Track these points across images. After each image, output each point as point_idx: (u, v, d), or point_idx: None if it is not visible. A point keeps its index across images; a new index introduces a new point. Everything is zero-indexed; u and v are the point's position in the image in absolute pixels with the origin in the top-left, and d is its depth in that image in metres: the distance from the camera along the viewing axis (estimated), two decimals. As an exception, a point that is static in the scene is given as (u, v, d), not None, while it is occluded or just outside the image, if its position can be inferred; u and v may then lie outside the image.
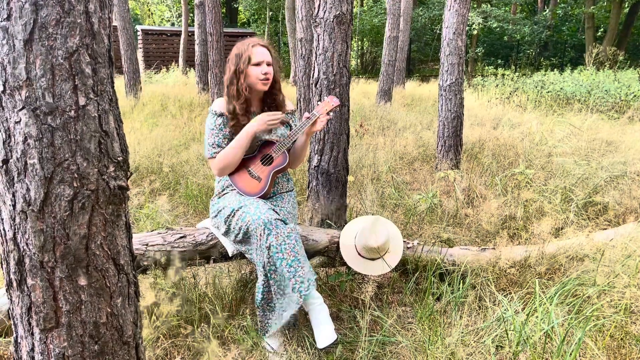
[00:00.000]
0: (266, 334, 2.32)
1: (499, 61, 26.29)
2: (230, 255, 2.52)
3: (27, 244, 1.22)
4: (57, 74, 1.16)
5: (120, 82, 12.77)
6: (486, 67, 25.51)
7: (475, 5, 23.77)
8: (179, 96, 10.28)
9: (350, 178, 4.66)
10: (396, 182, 4.69)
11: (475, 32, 23.41)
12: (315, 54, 3.24)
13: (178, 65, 18.08)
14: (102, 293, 1.31)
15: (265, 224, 2.24)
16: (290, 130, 2.69)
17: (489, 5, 24.46)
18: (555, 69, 16.76)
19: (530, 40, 25.06)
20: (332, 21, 3.14)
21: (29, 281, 1.25)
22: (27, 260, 1.24)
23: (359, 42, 30.17)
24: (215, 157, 2.50)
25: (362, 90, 13.58)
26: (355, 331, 2.45)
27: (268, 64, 2.52)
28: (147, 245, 2.49)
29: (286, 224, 2.31)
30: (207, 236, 2.57)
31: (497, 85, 13.17)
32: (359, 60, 30.60)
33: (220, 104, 2.54)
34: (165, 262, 2.45)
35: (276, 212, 2.38)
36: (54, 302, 1.26)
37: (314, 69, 3.28)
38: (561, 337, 2.17)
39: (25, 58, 1.14)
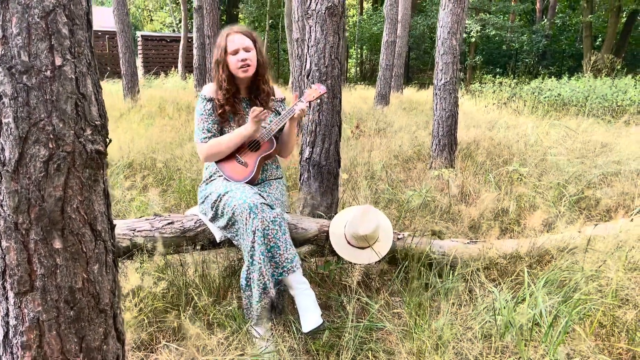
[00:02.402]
0: (251, 320, 2.30)
1: (498, 70, 26.37)
2: (218, 241, 2.51)
3: (1, 205, 1.22)
4: (33, 33, 1.16)
5: (118, 87, 12.80)
6: (485, 76, 25.60)
7: (473, 14, 23.88)
8: (177, 99, 10.30)
9: (344, 176, 4.65)
10: (390, 179, 4.69)
11: (473, 39, 23.50)
12: (307, 45, 3.25)
13: (177, 71, 18.14)
14: (78, 258, 1.30)
15: (251, 208, 2.23)
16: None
17: (487, 14, 24.57)
18: (553, 76, 16.81)
19: (529, 50, 25.15)
20: (324, 13, 3.15)
21: (4, 243, 1.24)
22: (1, 222, 1.23)
23: (358, 50, 30.32)
24: (204, 142, 2.49)
25: (360, 96, 13.62)
26: (343, 318, 2.43)
27: (246, 50, 2.50)
28: (134, 230, 2.48)
29: (272, 208, 2.30)
30: (195, 222, 2.56)
31: (494, 91, 13.20)
32: (358, 69, 30.73)
33: (210, 89, 2.54)
34: (152, 247, 2.44)
35: (263, 197, 2.37)
36: (28, 265, 1.25)
37: (305, 61, 3.29)
38: (548, 322, 2.15)
39: (1, 16, 1.14)
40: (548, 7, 26.65)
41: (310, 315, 2.19)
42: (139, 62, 19.34)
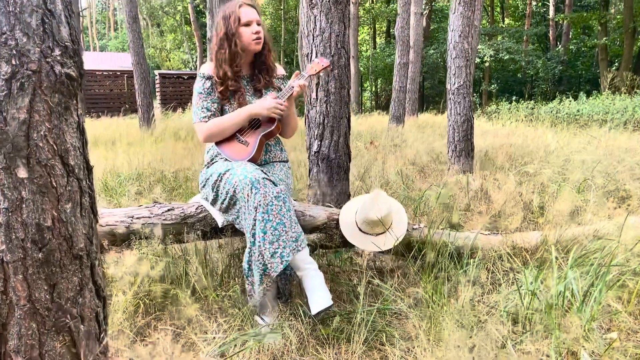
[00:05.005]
0: (256, 307, 2.13)
1: (514, 97, 26.13)
2: (220, 226, 2.37)
3: (-40, 128, 1.10)
4: (-6, -63, 1.07)
5: (135, 121, 12.96)
6: (501, 102, 25.40)
7: (486, 39, 23.93)
8: (192, 128, 10.33)
9: (357, 183, 4.50)
10: (406, 182, 4.52)
11: (487, 64, 23.43)
12: (313, 36, 3.18)
13: (194, 106, 18.34)
14: (46, 192, 1.17)
15: (253, 183, 2.09)
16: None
17: (500, 39, 24.58)
18: (571, 97, 16.58)
19: (544, 76, 24.93)
20: (329, 1, 3.08)
21: (-37, 173, 1.12)
22: (-40, 148, 1.11)
23: (373, 83, 30.56)
24: (204, 121, 2.39)
25: (376, 120, 13.58)
26: (354, 305, 2.25)
27: (258, 23, 2.43)
28: (132, 217, 2.35)
29: (276, 185, 2.16)
30: (196, 208, 2.43)
31: (510, 111, 13.04)
32: (373, 101, 30.91)
33: (209, 67, 2.45)
34: (151, 233, 2.31)
35: (265, 173, 2.23)
36: (-10, 197, 1.13)
37: (311, 52, 3.20)
38: (580, 297, 1.95)
39: None
40: (562, 34, 26.62)
41: (318, 295, 2.01)
42: (156, 101, 19.70)
